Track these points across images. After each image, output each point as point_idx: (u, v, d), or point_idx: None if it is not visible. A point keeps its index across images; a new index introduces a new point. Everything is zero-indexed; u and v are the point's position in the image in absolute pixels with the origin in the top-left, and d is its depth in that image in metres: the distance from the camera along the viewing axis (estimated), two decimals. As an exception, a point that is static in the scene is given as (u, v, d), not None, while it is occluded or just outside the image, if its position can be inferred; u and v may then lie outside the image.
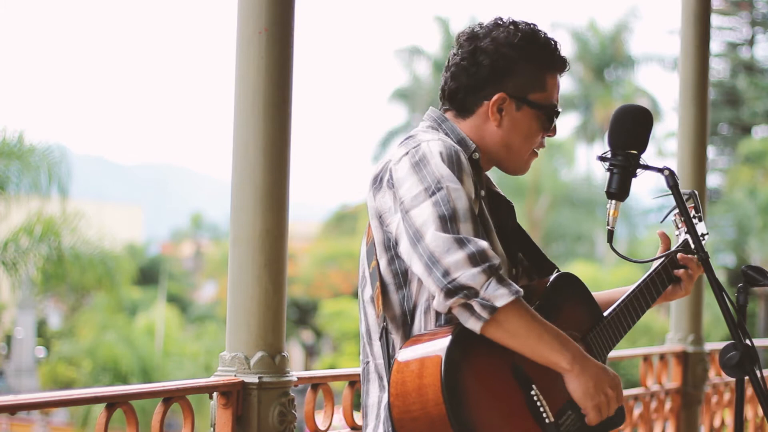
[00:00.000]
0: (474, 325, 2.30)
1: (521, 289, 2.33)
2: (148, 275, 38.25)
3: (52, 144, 17.53)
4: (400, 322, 2.49)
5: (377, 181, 2.51)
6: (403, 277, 2.47)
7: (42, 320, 38.26)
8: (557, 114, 2.66)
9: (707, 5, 5.10)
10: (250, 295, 2.92)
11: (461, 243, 2.30)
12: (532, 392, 2.38)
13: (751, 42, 35.23)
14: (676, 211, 2.89)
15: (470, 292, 2.28)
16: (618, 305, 2.72)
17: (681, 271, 2.83)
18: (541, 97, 2.62)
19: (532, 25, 2.65)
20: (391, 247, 2.47)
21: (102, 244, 17.85)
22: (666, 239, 2.91)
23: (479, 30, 2.63)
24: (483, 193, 2.58)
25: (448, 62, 2.65)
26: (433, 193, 2.37)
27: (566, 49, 2.78)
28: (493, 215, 2.62)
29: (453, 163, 2.43)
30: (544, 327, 2.37)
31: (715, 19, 32.97)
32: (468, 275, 2.27)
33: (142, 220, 61.35)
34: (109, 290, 19.22)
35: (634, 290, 2.77)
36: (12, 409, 2.43)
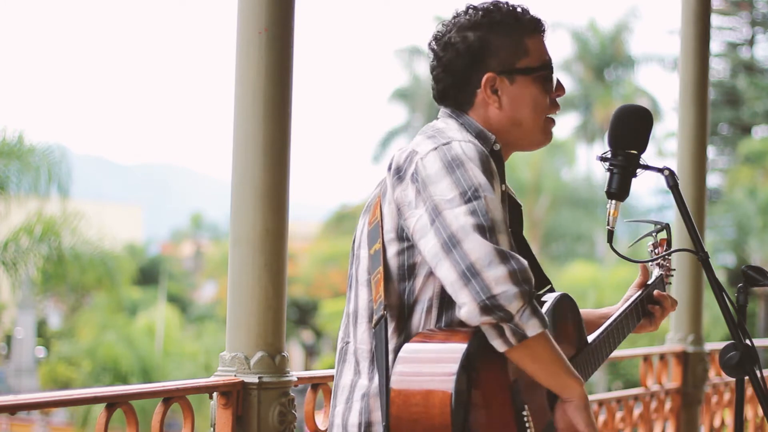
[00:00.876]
0: (499, 345, 2.28)
1: (547, 321, 2.31)
2: (148, 275, 38.26)
3: (52, 144, 17.56)
4: (397, 313, 2.45)
5: (400, 172, 2.43)
6: (409, 270, 2.43)
7: (42, 320, 38.28)
8: (551, 70, 2.60)
9: (707, 5, 5.10)
10: (250, 295, 2.92)
11: (503, 257, 2.25)
12: (524, 412, 2.38)
13: (751, 42, 35.24)
14: (650, 240, 2.95)
15: (506, 315, 2.24)
16: (600, 334, 2.72)
17: (656, 307, 2.88)
18: (529, 61, 2.56)
19: (491, 2, 2.59)
20: (404, 238, 2.42)
21: (102, 244, 17.87)
22: (645, 272, 2.94)
23: (442, 29, 2.60)
24: (504, 187, 2.54)
25: (431, 68, 2.61)
26: (470, 200, 2.31)
27: (566, 49, 2.76)
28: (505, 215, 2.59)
29: (488, 170, 2.37)
30: (561, 357, 2.37)
31: (715, 19, 32.97)
32: (507, 296, 2.23)
33: (142, 220, 61.35)
34: (109, 290, 19.24)
35: (614, 321, 2.77)
36: (12, 409, 2.43)
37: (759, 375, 2.59)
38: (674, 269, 2.98)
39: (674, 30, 31.68)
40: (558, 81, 2.63)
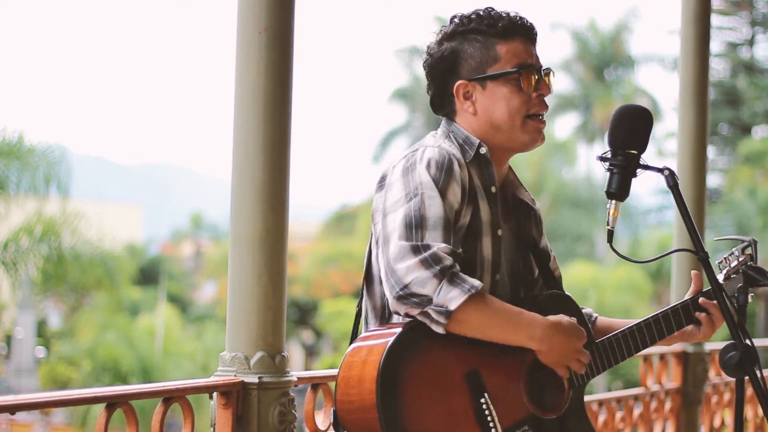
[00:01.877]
0: (436, 329, 2.36)
1: (477, 283, 2.35)
2: (148, 275, 38.25)
3: (52, 144, 17.55)
4: (379, 313, 2.57)
5: (380, 181, 2.58)
6: None
7: (42, 320, 38.26)
8: (528, 68, 2.61)
9: (707, 5, 5.10)
10: (250, 295, 2.92)
11: (416, 250, 2.35)
12: (482, 400, 2.40)
13: (751, 42, 35.23)
14: (734, 255, 2.85)
15: (423, 299, 2.32)
16: (614, 334, 2.72)
17: (702, 314, 2.80)
18: (500, 66, 2.60)
19: (472, 11, 2.66)
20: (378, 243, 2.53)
21: (102, 244, 17.86)
22: (699, 280, 2.88)
23: (432, 39, 2.69)
24: (493, 189, 2.59)
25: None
26: (410, 200, 2.42)
27: (566, 49, 2.76)
28: (511, 219, 2.66)
29: (441, 169, 2.46)
30: (505, 314, 2.43)
31: (715, 19, 32.96)
32: (418, 280, 2.32)
33: (142, 220, 61.34)
34: (109, 290, 19.24)
35: (638, 324, 2.76)
36: (12, 409, 2.43)
37: (759, 375, 2.60)
38: (765, 284, 2.76)
39: (674, 30, 31.69)
40: (540, 80, 2.63)
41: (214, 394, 2.87)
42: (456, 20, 2.65)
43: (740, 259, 2.85)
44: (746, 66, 34.92)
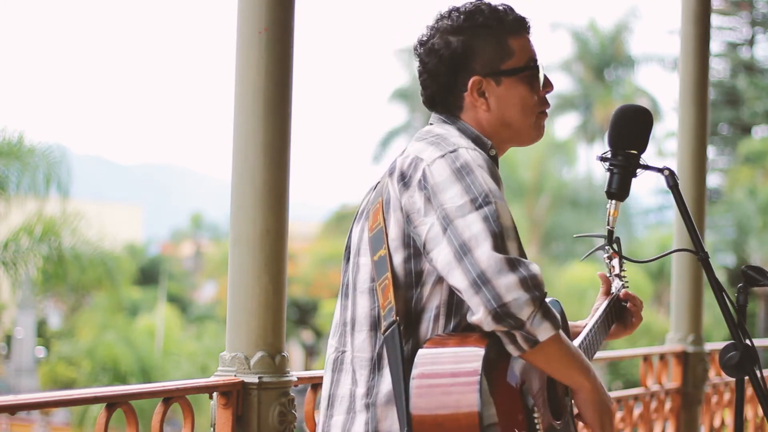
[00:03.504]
0: (512, 351, 2.30)
1: (559, 320, 2.33)
2: (148, 275, 38.27)
3: (52, 144, 17.56)
4: (404, 321, 2.43)
5: (405, 178, 2.43)
6: (416, 277, 2.42)
7: (42, 320, 38.27)
8: (537, 68, 2.58)
9: (707, 5, 5.10)
10: (250, 295, 2.92)
11: (513, 265, 2.26)
12: (535, 414, 2.40)
13: (751, 42, 35.24)
14: (605, 252, 3.00)
15: (517, 323, 2.26)
16: (580, 345, 2.72)
17: (629, 304, 2.90)
18: (514, 61, 2.55)
19: (472, 5, 2.58)
20: (411, 245, 2.41)
21: (102, 244, 17.87)
22: (606, 281, 2.96)
23: (426, 33, 2.59)
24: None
25: (418, 75, 2.62)
26: (480, 207, 2.32)
27: (566, 49, 2.77)
28: None
29: (495, 176, 2.40)
30: (574, 353, 2.41)
31: (715, 19, 32.96)
32: (518, 303, 2.24)
33: (142, 220, 61.36)
34: (109, 290, 19.25)
35: (590, 331, 2.78)
36: (12, 409, 2.43)
37: (759, 375, 2.59)
38: (626, 279, 3.02)
39: (674, 30, 31.69)
40: (546, 77, 2.60)
41: (214, 394, 2.87)
42: (457, 14, 2.56)
43: (608, 255, 2.98)
44: (746, 66, 34.93)
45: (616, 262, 2.99)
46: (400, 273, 2.44)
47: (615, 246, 2.84)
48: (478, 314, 2.27)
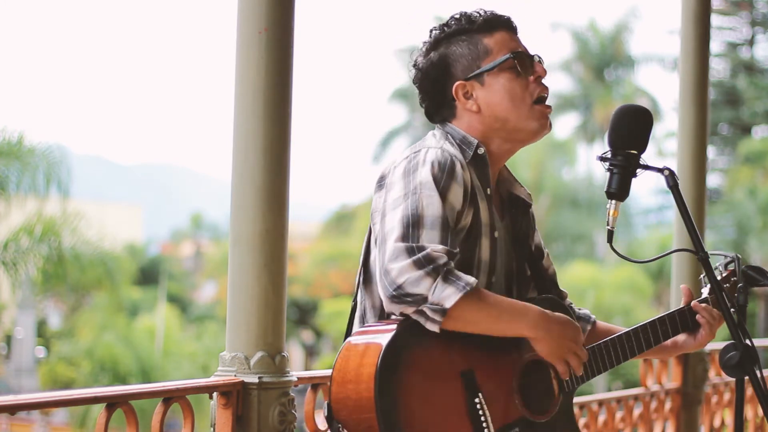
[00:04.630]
0: (432, 327, 2.35)
1: (472, 280, 2.35)
2: (148, 275, 38.27)
3: (52, 144, 17.56)
4: (378, 312, 2.56)
5: (380, 181, 2.57)
6: None
7: (42, 320, 38.27)
8: (520, 55, 2.63)
9: (707, 5, 5.09)
10: (250, 295, 2.92)
11: (411, 251, 2.34)
12: (476, 399, 2.40)
13: (751, 42, 35.23)
14: (717, 271, 2.86)
15: (417, 298, 2.32)
16: (605, 341, 2.72)
17: (700, 318, 2.85)
18: (492, 58, 2.61)
19: (447, 18, 2.68)
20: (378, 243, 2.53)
21: (102, 244, 17.86)
22: (689, 294, 2.91)
23: (416, 55, 2.70)
24: (489, 191, 2.59)
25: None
26: (407, 199, 2.42)
27: (566, 49, 2.77)
28: (506, 217, 2.66)
29: (443, 170, 2.45)
30: (499, 307, 2.43)
31: (715, 19, 32.96)
32: (412, 280, 2.31)
33: (142, 220, 61.34)
34: (109, 290, 19.24)
35: (629, 331, 2.77)
36: (12, 409, 2.43)
37: (759, 375, 2.60)
38: (742, 305, 2.71)
39: (674, 30, 31.69)
40: (534, 63, 2.64)
41: (214, 394, 2.87)
42: (434, 30, 2.67)
43: (723, 275, 2.87)
44: (746, 66, 34.92)
45: (720, 278, 2.87)
46: (372, 268, 2.56)
47: (732, 265, 2.79)
48: (384, 302, 2.37)
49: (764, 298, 29.80)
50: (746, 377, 2.61)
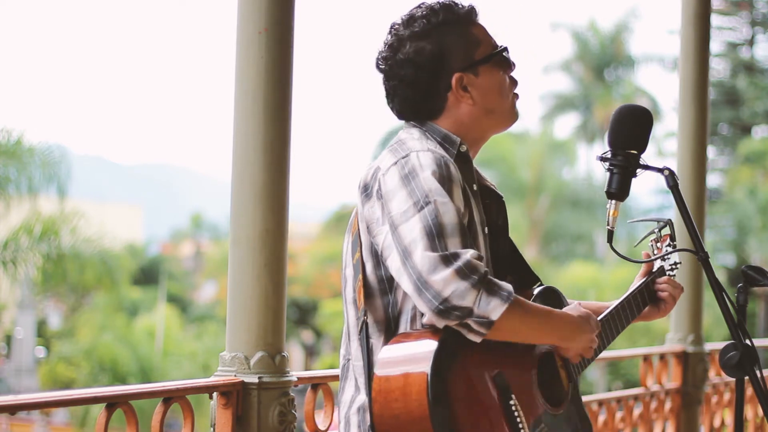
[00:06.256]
0: (474, 338, 2.32)
1: (511, 288, 2.33)
2: (148, 275, 38.26)
3: (52, 144, 17.57)
4: (384, 326, 2.49)
5: (367, 189, 2.49)
6: (388, 283, 2.47)
7: (42, 320, 38.25)
8: (502, 47, 2.62)
9: (707, 5, 5.10)
10: (250, 295, 2.92)
11: (447, 260, 2.29)
12: (511, 401, 2.40)
13: (751, 42, 35.23)
14: (653, 237, 2.97)
15: (463, 312, 2.28)
16: (601, 320, 2.73)
17: (665, 293, 2.92)
18: (483, 49, 2.59)
19: (426, 6, 2.60)
20: (375, 254, 2.47)
21: (102, 243, 17.87)
22: (648, 263, 2.96)
23: (387, 47, 2.60)
24: (475, 187, 2.58)
25: (388, 92, 2.62)
26: (422, 208, 2.35)
27: (566, 49, 2.78)
28: (485, 211, 2.63)
29: (443, 175, 2.41)
30: (540, 316, 2.43)
31: (715, 19, 32.96)
32: (458, 293, 2.27)
33: (142, 220, 61.34)
34: (109, 290, 19.25)
35: (613, 309, 2.79)
36: (12, 409, 2.43)
37: (759, 375, 2.60)
38: (679, 262, 2.99)
39: (674, 30, 31.68)
40: (510, 58, 2.65)
41: (214, 394, 2.87)
42: (417, 20, 2.57)
43: (660, 238, 2.95)
44: (746, 66, 34.91)
45: (665, 245, 2.96)
46: (372, 281, 2.50)
47: (668, 229, 2.87)
48: (427, 315, 2.31)
49: (764, 298, 29.79)
50: (746, 377, 2.61)
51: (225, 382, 2.87)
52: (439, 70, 2.56)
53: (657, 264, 2.97)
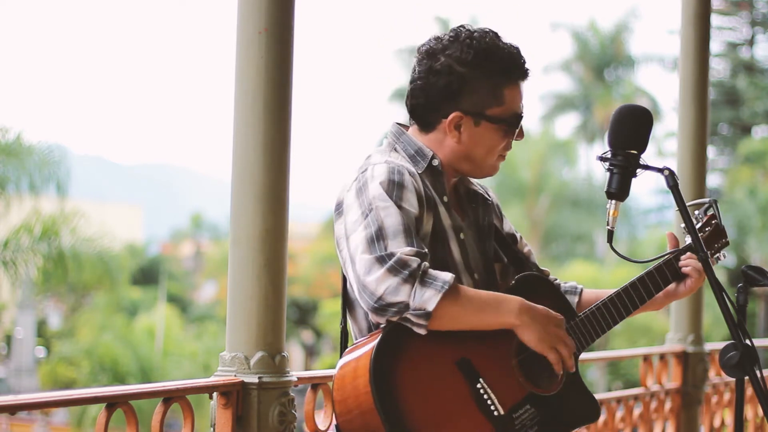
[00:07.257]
0: (419, 330, 2.38)
1: (449, 277, 2.38)
2: (148, 275, 38.27)
3: (52, 144, 17.58)
4: (366, 335, 2.57)
5: (337, 208, 2.59)
6: None
7: (42, 320, 38.24)
8: (520, 119, 2.65)
9: (707, 5, 5.10)
10: (250, 295, 2.92)
11: (382, 260, 2.37)
12: (478, 385, 2.43)
13: (751, 42, 35.22)
14: (699, 215, 2.93)
15: (399, 307, 2.35)
16: (600, 302, 2.73)
17: (689, 268, 2.82)
18: (500, 110, 2.62)
19: (490, 37, 2.62)
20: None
21: (102, 243, 17.86)
22: (674, 240, 2.91)
23: (436, 45, 2.64)
24: (446, 198, 2.62)
25: (411, 77, 2.67)
26: (366, 216, 2.44)
27: (566, 49, 2.77)
28: (469, 214, 2.69)
29: (393, 182, 2.48)
30: (480, 300, 2.45)
31: (715, 19, 32.95)
32: (390, 289, 2.34)
33: (142, 220, 61.34)
34: (109, 289, 19.25)
35: (620, 289, 2.78)
36: (12, 409, 2.43)
37: (759, 375, 2.60)
38: (726, 241, 2.88)
39: (674, 30, 31.68)
40: (521, 128, 2.68)
41: (214, 394, 2.87)
42: (469, 45, 2.59)
43: (704, 221, 2.90)
44: (746, 66, 34.91)
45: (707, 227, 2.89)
46: (350, 292, 2.58)
47: (713, 208, 2.87)
48: (369, 315, 2.42)
49: (764, 298, 29.80)
50: (746, 377, 2.61)
51: (225, 382, 2.86)
52: (450, 97, 2.60)
53: (687, 240, 2.86)
